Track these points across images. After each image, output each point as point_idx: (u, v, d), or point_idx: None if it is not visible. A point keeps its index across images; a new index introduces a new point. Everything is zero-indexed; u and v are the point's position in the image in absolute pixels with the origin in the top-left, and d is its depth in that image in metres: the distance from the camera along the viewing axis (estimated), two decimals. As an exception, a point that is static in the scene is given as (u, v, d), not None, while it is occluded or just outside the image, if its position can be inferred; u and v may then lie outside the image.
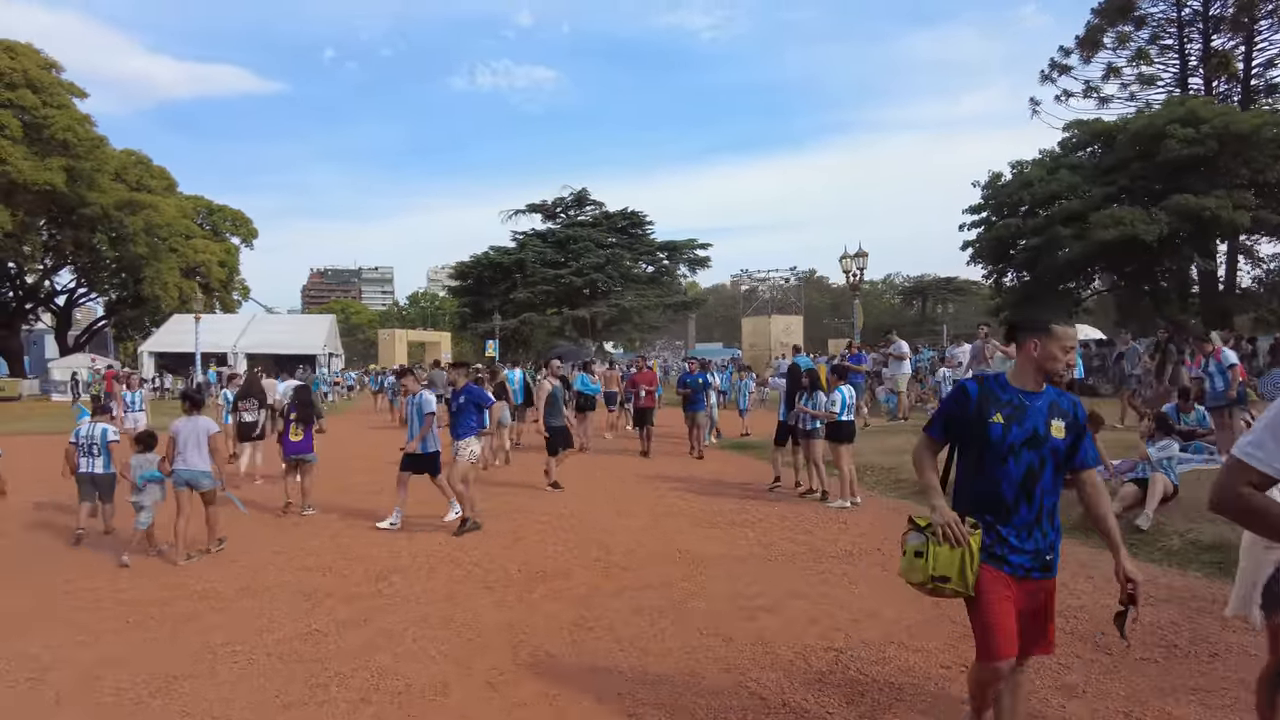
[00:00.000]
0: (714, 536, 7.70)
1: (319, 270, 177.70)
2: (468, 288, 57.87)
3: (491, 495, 10.11)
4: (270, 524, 8.58)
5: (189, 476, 7.16)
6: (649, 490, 10.52)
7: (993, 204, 28.54)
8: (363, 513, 9.05)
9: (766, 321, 47.24)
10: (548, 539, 7.71)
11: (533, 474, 11.94)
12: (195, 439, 7.18)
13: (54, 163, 37.34)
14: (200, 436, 7.20)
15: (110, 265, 48.87)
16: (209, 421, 7.44)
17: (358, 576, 6.45)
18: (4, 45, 38.85)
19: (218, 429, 7.48)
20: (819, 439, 9.58)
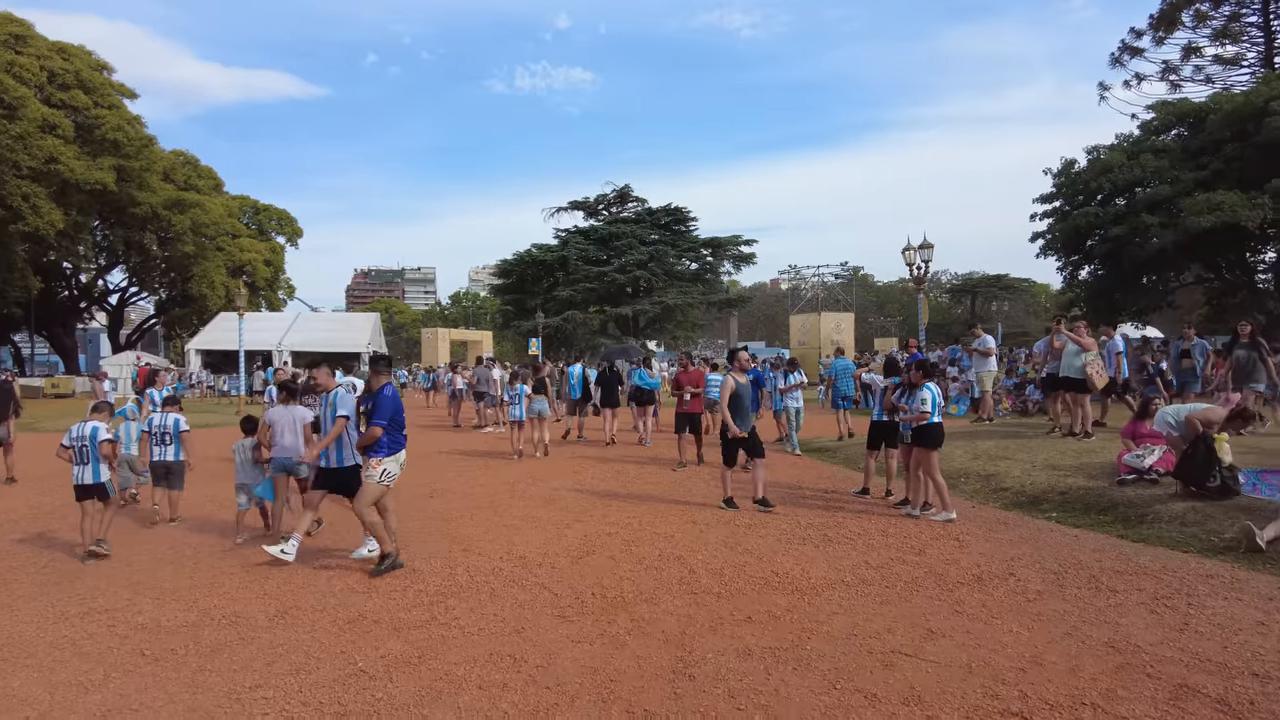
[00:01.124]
0: (812, 556, 6.68)
1: (363, 270, 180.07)
2: (510, 285, 57.32)
3: (552, 500, 9.24)
4: (320, 530, 7.78)
5: (285, 463, 7.55)
6: (713, 498, 9.53)
7: (1066, 192, 26.84)
8: (415, 518, 8.23)
9: (816, 319, 45.78)
10: (619, 554, 6.77)
11: (581, 475, 11.11)
12: (291, 427, 7.54)
13: (105, 162, 37.59)
14: (295, 425, 7.54)
15: (159, 264, 49.35)
16: (304, 410, 7.73)
17: (409, 599, 5.59)
18: (57, 47, 39.25)
19: (312, 417, 7.56)
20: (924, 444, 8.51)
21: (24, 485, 11.08)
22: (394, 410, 6.30)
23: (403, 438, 6.43)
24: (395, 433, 6.29)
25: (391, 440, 6.27)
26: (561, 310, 51.24)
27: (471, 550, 6.93)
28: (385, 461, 6.23)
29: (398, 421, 6.33)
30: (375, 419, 6.17)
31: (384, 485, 6.26)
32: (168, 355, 57.53)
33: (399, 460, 6.37)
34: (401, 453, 6.39)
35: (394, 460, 6.31)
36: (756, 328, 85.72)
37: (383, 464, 6.21)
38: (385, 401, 6.27)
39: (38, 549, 7.26)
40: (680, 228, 55.65)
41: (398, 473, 6.40)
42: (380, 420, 6.17)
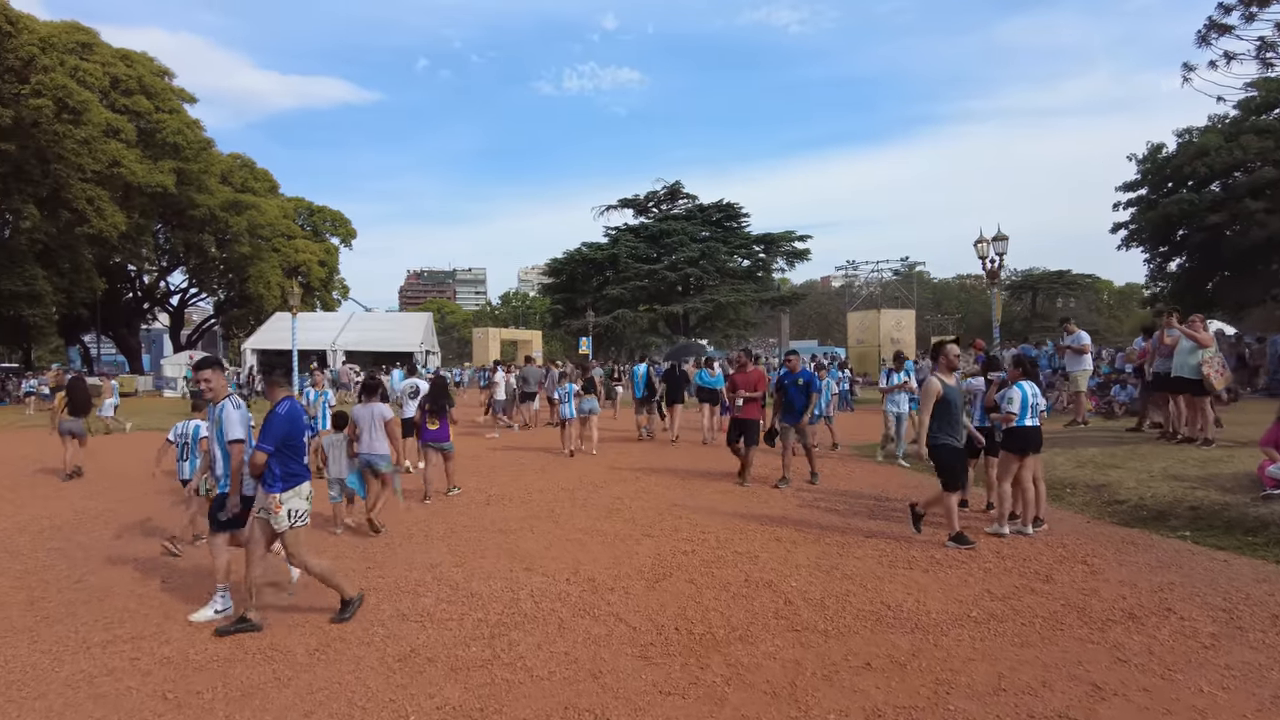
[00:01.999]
0: (922, 583, 5.81)
1: (415, 271, 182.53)
2: (560, 284, 57.05)
3: (616, 510, 8.51)
4: (361, 544, 7.17)
5: (369, 459, 7.90)
6: (793, 511, 8.69)
7: (1153, 179, 25.14)
8: (471, 528, 7.59)
9: (875, 316, 44.30)
10: (700, 578, 5.98)
11: (643, 480, 10.34)
12: (372, 424, 7.86)
13: (165, 165, 38.17)
14: (376, 422, 7.87)
15: (218, 265, 50.17)
16: (385, 408, 8.03)
17: (467, 629, 4.90)
18: (121, 54, 40.02)
19: (392, 414, 8.12)
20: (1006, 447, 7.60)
21: (73, 485, 10.79)
22: (285, 432, 5.03)
23: (302, 467, 5.16)
24: (289, 461, 5.05)
25: (286, 470, 5.02)
26: (611, 309, 50.71)
27: (534, 569, 6.23)
28: (287, 499, 4.98)
29: (292, 446, 5.07)
30: (261, 442, 4.96)
31: (302, 527, 5.08)
32: (226, 355, 58.58)
33: (303, 494, 5.12)
34: (304, 485, 5.13)
35: (296, 495, 5.06)
36: (808, 326, 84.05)
37: (284, 504, 4.97)
38: (276, 422, 5.02)
39: (74, 561, 6.79)
40: (732, 224, 54.70)
41: (308, 508, 5.16)
42: (266, 444, 4.94)
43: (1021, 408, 7.39)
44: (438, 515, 8.53)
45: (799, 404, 10.13)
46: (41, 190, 31.61)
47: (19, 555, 7.05)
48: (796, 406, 10.14)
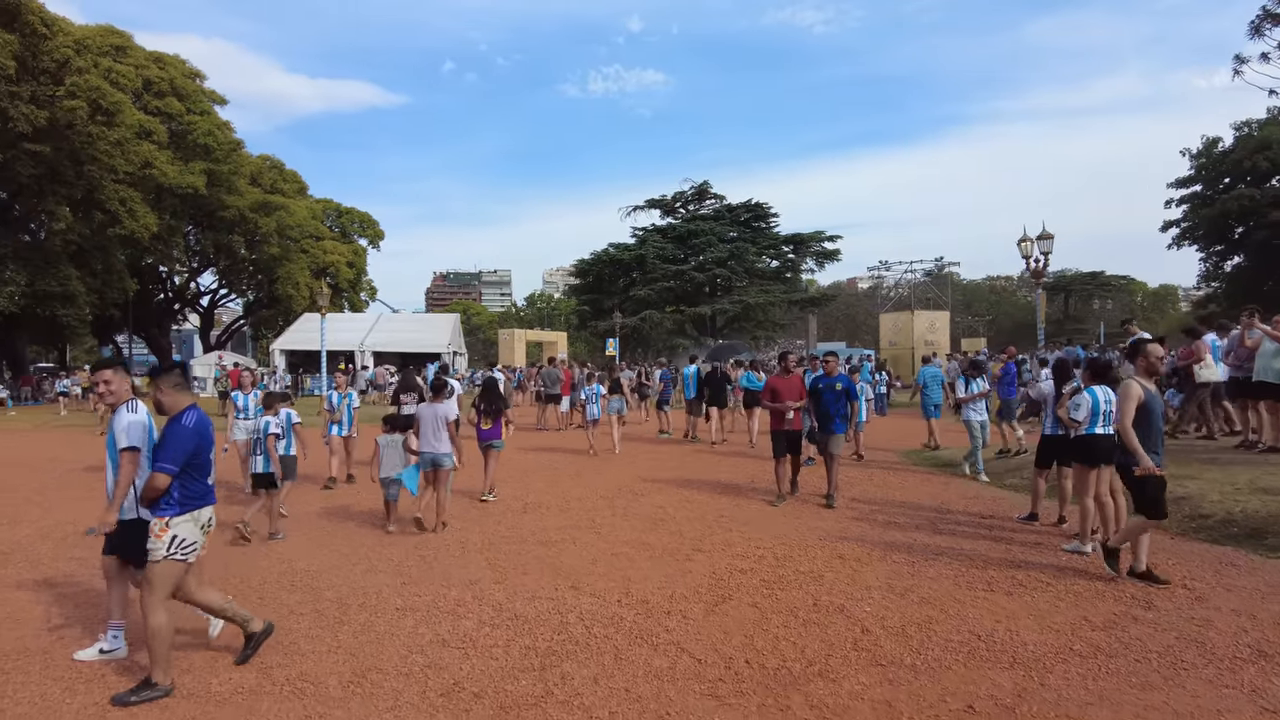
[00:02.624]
0: (1009, 608, 5.27)
1: (441, 274, 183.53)
2: (587, 285, 56.67)
3: (661, 521, 8.02)
4: (395, 558, 6.75)
5: (433, 456, 7.91)
6: (850, 525, 8.16)
7: (1208, 174, 24.14)
8: (509, 539, 7.14)
9: (909, 318, 43.48)
10: (763, 601, 5.49)
11: (687, 487, 9.84)
12: (435, 423, 7.90)
13: (196, 166, 38.35)
14: (440, 421, 7.93)
15: (247, 267, 50.43)
16: (448, 407, 8.14)
17: (515, 659, 4.44)
18: (154, 56, 40.35)
19: (457, 414, 8.35)
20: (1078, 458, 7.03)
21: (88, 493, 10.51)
22: (192, 448, 4.19)
23: (207, 488, 4.34)
24: (193, 480, 4.23)
25: (186, 492, 4.19)
26: (639, 310, 50.23)
27: (581, 589, 5.76)
28: (176, 524, 4.12)
29: (197, 464, 4.25)
30: (160, 461, 4.10)
31: (181, 562, 4.15)
32: (255, 355, 58.97)
33: (200, 520, 4.25)
34: (205, 510, 4.29)
35: (189, 521, 4.17)
36: (835, 328, 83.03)
37: (171, 528, 4.10)
38: (181, 436, 4.17)
39: (95, 572, 6.42)
40: (760, 224, 54.00)
41: (200, 540, 4.26)
42: (167, 464, 4.08)
43: (1092, 414, 6.84)
44: (474, 524, 8.11)
45: (836, 412, 9.06)
46: (75, 192, 31.79)
47: (40, 564, 6.73)
48: (833, 415, 9.05)
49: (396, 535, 7.63)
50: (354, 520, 8.44)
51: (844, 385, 9.23)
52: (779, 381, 9.48)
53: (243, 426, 9.59)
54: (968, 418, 10.80)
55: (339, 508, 9.15)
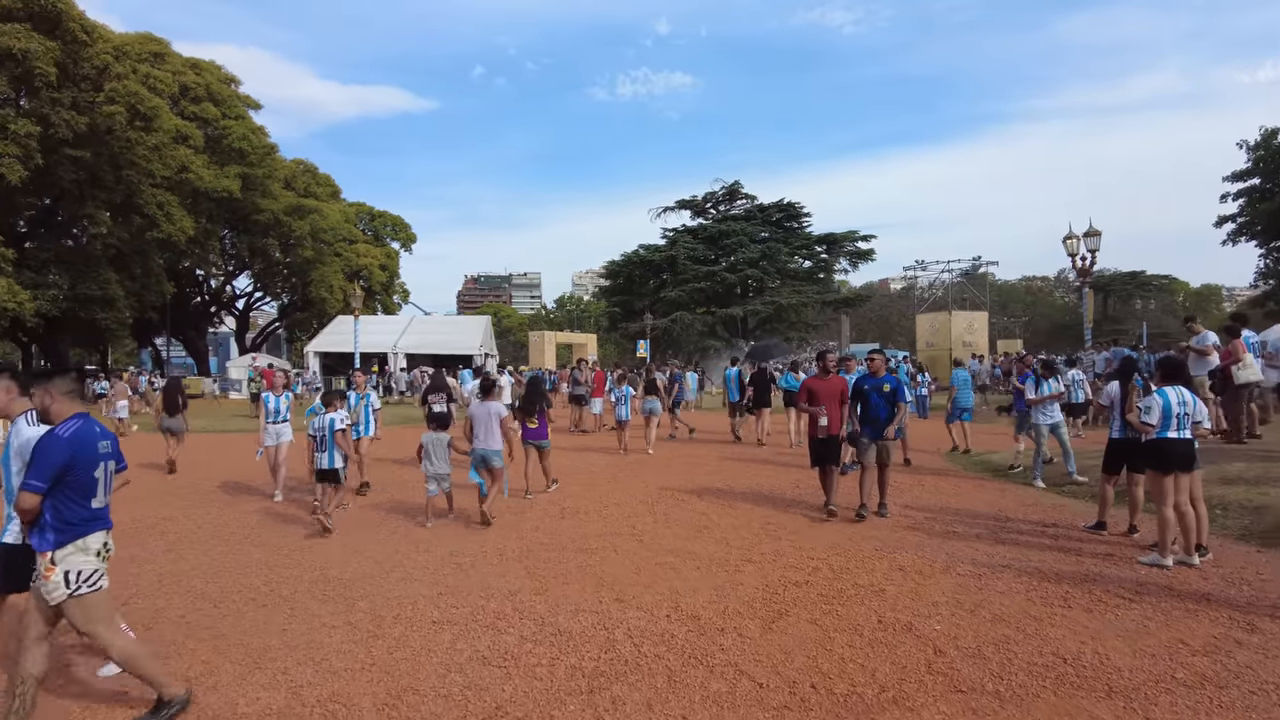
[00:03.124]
0: (1092, 627, 4.84)
1: (472, 276, 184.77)
2: (617, 287, 56.46)
3: (706, 528, 7.67)
4: (431, 565, 6.47)
5: (485, 453, 8.15)
6: (906, 534, 7.74)
7: (1268, 167, 23.16)
8: (548, 546, 6.84)
9: (946, 318, 42.60)
10: (823, 617, 5.11)
11: (731, 493, 9.46)
12: (487, 422, 8.14)
13: (231, 170, 38.77)
14: (492, 420, 8.17)
15: (281, 270, 50.97)
16: (500, 406, 8.29)
17: (560, 679, 4.12)
18: (190, 62, 40.88)
19: (508, 412, 8.43)
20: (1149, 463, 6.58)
21: (136, 489, 10.40)
22: (61, 464, 3.54)
23: (91, 512, 3.66)
24: (71, 503, 3.58)
25: (62, 518, 3.56)
26: (670, 311, 49.86)
27: (627, 602, 5.43)
28: (61, 558, 3.53)
29: (73, 484, 3.59)
30: (29, 478, 3.51)
31: (95, 590, 3.62)
32: (289, 357, 59.58)
33: (91, 548, 3.64)
34: (94, 536, 3.64)
35: (76, 552, 3.58)
36: (868, 329, 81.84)
37: (58, 564, 3.52)
38: (52, 450, 3.56)
39: (123, 579, 6.25)
40: (793, 224, 53.36)
41: (99, 569, 3.66)
42: (35, 481, 3.50)
43: (1164, 417, 6.38)
44: (512, 530, 7.83)
45: (883, 415, 8.31)
46: (115, 196, 32.25)
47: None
48: (880, 418, 8.31)
49: (432, 541, 7.37)
50: (388, 525, 8.21)
51: (892, 386, 8.39)
52: (817, 384, 8.63)
53: (272, 430, 9.41)
54: (1036, 421, 10.11)
55: (373, 512, 8.92)
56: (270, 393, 9.79)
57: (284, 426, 9.59)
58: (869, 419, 8.38)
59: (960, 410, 13.84)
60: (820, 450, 8.52)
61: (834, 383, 8.55)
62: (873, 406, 8.36)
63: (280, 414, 9.52)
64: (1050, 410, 10.01)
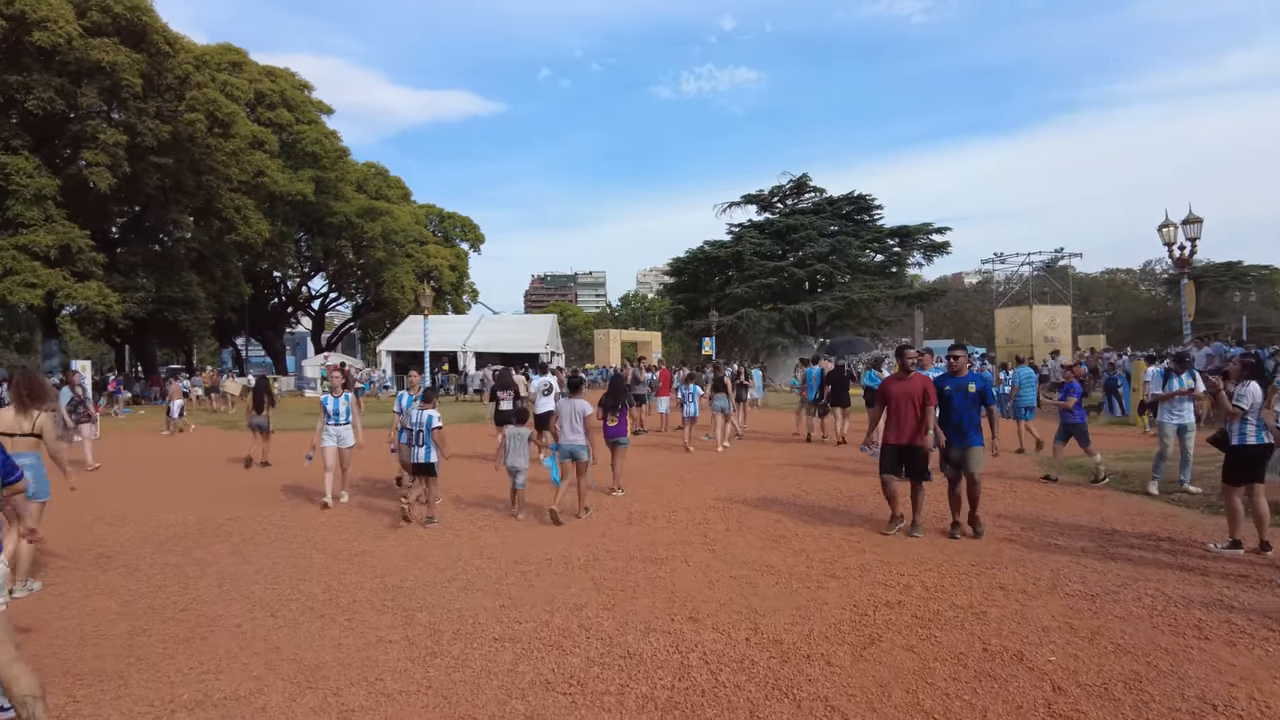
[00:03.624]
0: (1235, 662, 4.20)
1: (539, 276, 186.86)
2: (682, 284, 56.00)
3: (783, 538, 7.19)
4: (495, 572, 6.18)
5: (571, 448, 8.25)
6: (1004, 548, 7.10)
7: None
8: (614, 555, 6.48)
9: (1026, 313, 40.77)
10: (920, 644, 4.60)
11: (806, 498, 8.92)
12: (573, 417, 8.21)
13: (305, 174, 39.78)
14: (576, 415, 8.22)
15: (355, 271, 52.17)
16: (585, 403, 8.32)
17: (631, 710, 3.73)
18: (266, 70, 42.14)
19: (592, 409, 8.45)
20: None
21: (204, 492, 10.51)
22: None
23: None
24: None
25: None
26: (736, 308, 49.15)
27: (701, 621, 5.01)
28: None
29: None
30: None
31: None
32: (363, 356, 60.98)
33: None
34: None
35: None
36: (942, 325, 79.34)
37: None
38: None
39: (186, 581, 6.15)
40: (863, 217, 52.01)
41: None
42: None
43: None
44: (577, 535, 7.50)
45: (966, 419, 7.37)
46: (196, 201, 33.38)
47: (136, 570, 6.51)
48: (963, 422, 7.37)
49: (497, 547, 7.10)
50: (453, 528, 7.98)
51: (979, 386, 7.41)
52: (895, 385, 7.49)
53: (333, 433, 9.12)
54: (1162, 420, 9.18)
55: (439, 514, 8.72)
56: (329, 395, 9.36)
57: (345, 429, 9.24)
58: (951, 425, 7.44)
59: (1023, 409, 13.42)
60: (892, 458, 7.39)
61: (914, 383, 7.39)
62: (955, 409, 7.40)
63: (341, 416, 9.19)
64: (1179, 409, 9.03)
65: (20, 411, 5.89)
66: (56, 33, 24.97)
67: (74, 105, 27.13)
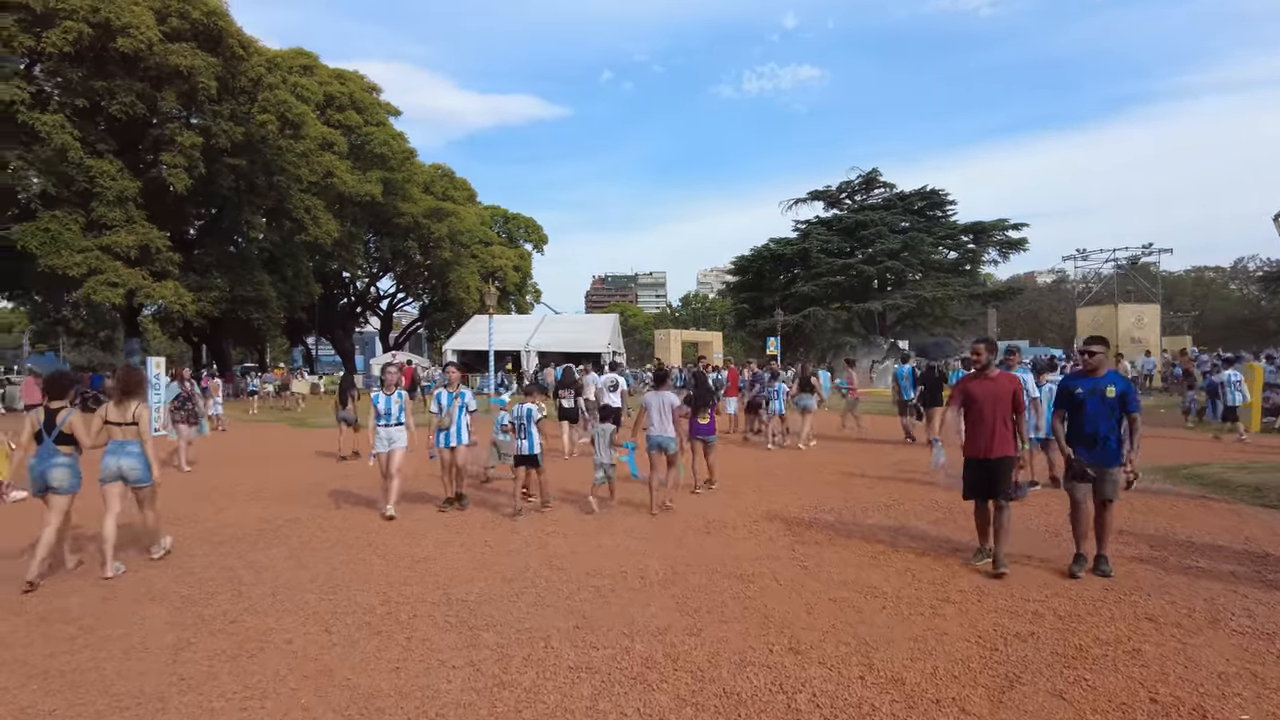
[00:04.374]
0: None
1: (600, 277, 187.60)
2: (746, 283, 54.96)
3: (880, 557, 6.47)
4: (568, 589, 5.65)
5: (660, 441, 8.31)
6: (1138, 569, 6.23)
7: None
8: (695, 569, 5.88)
9: (1111, 312, 38.69)
10: (1071, 689, 3.87)
11: (900, 507, 8.17)
12: (661, 410, 8.31)
13: (373, 175, 40.27)
14: (666, 408, 8.31)
15: (422, 271, 52.78)
16: (674, 395, 8.45)
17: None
18: (336, 73, 42.85)
19: (679, 401, 8.60)
20: None
21: (268, 490, 10.28)
22: None
23: None
24: None
25: None
26: (802, 307, 47.97)
27: (805, 653, 4.37)
28: None
29: None
30: None
31: None
32: (430, 356, 61.77)
33: None
34: None
35: None
36: (1015, 325, 76.28)
37: None
38: None
39: (240, 588, 5.78)
40: (936, 213, 50.23)
41: None
42: None
43: None
44: (653, 545, 6.92)
45: (1103, 429, 5.90)
46: (267, 202, 34.04)
47: (189, 574, 6.19)
48: (1101, 433, 5.90)
49: (568, 557, 6.57)
50: (518, 534, 7.50)
51: (1119, 389, 5.92)
52: (976, 385, 6.21)
53: (384, 435, 8.36)
54: None
55: (501, 521, 8.26)
56: (380, 392, 8.52)
57: (397, 430, 8.44)
58: (1083, 436, 5.98)
59: None
60: (976, 477, 6.13)
61: (1000, 383, 6.15)
62: (1088, 417, 5.95)
63: (392, 416, 8.41)
64: None
65: (121, 402, 6.51)
66: (138, 39, 25.63)
67: (154, 109, 27.84)
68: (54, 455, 6.11)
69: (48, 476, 6.07)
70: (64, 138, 25.41)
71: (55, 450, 6.12)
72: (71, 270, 25.98)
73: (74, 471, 6.20)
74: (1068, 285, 77.20)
